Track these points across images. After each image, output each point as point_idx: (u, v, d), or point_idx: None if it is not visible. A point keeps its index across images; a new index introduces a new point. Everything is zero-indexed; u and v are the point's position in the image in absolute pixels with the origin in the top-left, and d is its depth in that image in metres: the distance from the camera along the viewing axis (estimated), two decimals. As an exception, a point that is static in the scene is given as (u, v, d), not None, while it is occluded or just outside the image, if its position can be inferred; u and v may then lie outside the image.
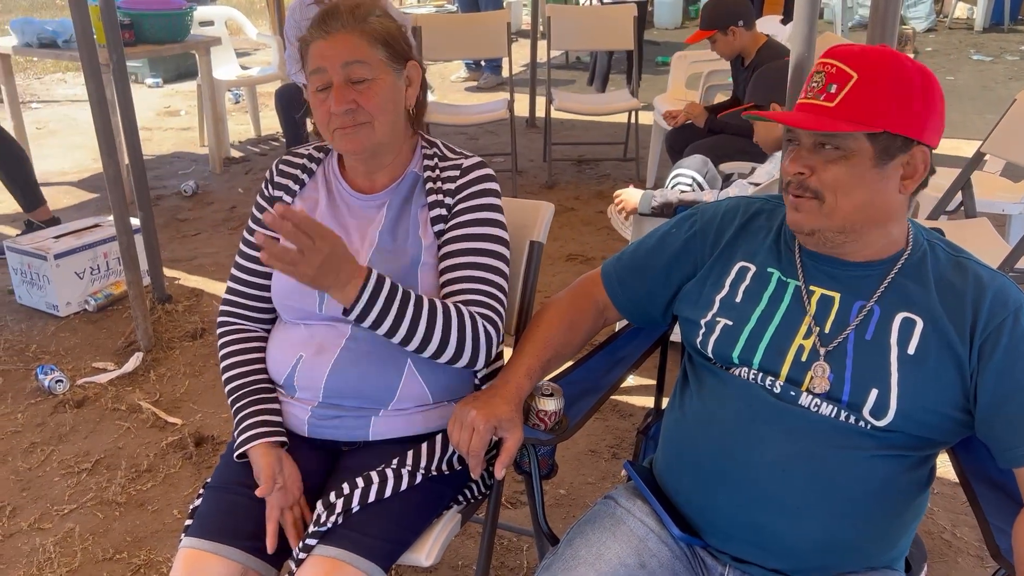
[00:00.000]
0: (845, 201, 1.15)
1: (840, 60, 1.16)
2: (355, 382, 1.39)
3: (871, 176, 1.15)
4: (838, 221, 1.17)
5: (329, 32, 1.32)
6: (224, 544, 1.29)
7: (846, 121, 1.13)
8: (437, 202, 1.41)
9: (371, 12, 1.36)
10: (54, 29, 4.43)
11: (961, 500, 2.19)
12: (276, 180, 1.49)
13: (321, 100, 1.34)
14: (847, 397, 1.16)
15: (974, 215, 2.81)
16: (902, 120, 1.14)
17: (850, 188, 1.15)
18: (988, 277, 1.18)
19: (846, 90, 1.14)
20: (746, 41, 3.61)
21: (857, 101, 1.13)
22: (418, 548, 1.37)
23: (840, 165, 1.15)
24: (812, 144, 1.17)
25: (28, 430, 2.61)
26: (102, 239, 3.41)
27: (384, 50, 1.35)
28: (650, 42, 8.95)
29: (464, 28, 4.96)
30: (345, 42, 1.32)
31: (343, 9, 1.34)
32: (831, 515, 1.17)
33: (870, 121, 1.13)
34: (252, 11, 10.00)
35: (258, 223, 1.50)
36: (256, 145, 5.65)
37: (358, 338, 1.39)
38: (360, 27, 1.33)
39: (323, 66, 1.32)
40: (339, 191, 1.47)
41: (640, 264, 1.42)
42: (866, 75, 1.14)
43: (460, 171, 1.43)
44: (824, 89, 1.16)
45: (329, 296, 1.37)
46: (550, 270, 3.68)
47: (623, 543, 1.24)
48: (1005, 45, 8.72)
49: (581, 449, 2.44)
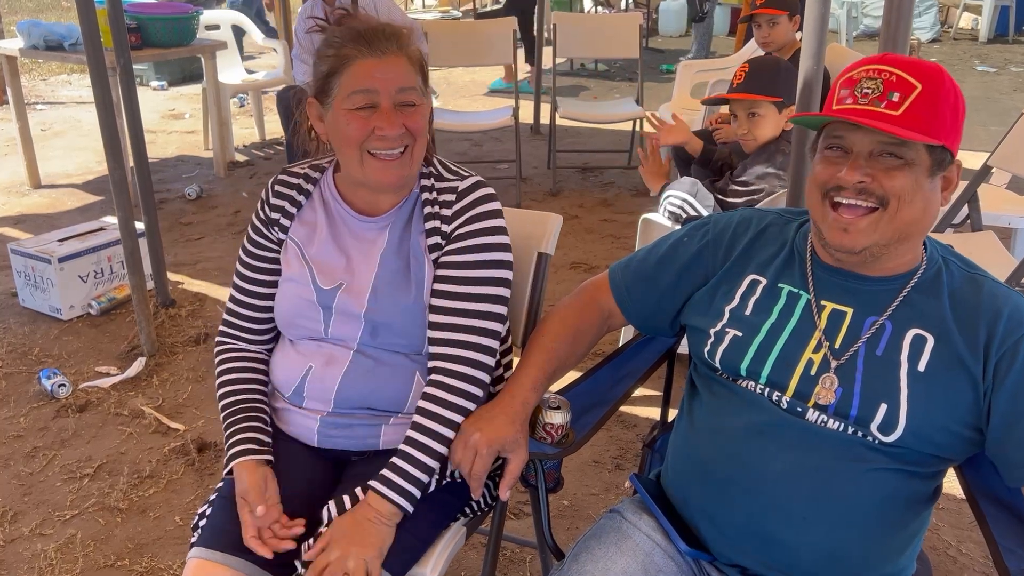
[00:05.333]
0: (907, 210, 1.14)
1: (900, 69, 1.14)
2: (366, 393, 1.38)
3: (927, 187, 1.15)
4: (893, 231, 1.16)
5: (385, 53, 1.29)
6: (234, 556, 1.28)
7: (913, 130, 1.12)
8: (434, 229, 1.38)
9: (412, 39, 1.36)
10: (61, 32, 4.44)
11: (967, 516, 2.18)
12: (272, 201, 1.46)
13: (362, 119, 1.30)
14: (856, 412, 1.15)
15: (980, 228, 2.80)
16: (952, 135, 1.15)
17: (912, 197, 1.14)
18: (1004, 295, 1.17)
19: (911, 99, 1.12)
20: (792, 39, 3.52)
21: (922, 112, 1.12)
22: (423, 561, 1.36)
23: (904, 174, 1.14)
24: (870, 153, 1.15)
25: (30, 434, 2.61)
26: (106, 242, 3.41)
27: (421, 76, 1.35)
28: (654, 50, 8.96)
29: (470, 35, 4.97)
30: (399, 66, 1.30)
31: (398, 31, 1.32)
32: (838, 526, 1.17)
33: (934, 133, 1.13)
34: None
35: (252, 243, 1.47)
36: (260, 149, 5.66)
37: (367, 352, 1.39)
38: (407, 52, 1.32)
39: (374, 88, 1.29)
40: (339, 213, 1.44)
41: (650, 273, 1.41)
42: (929, 87, 1.13)
43: (456, 195, 1.39)
44: (885, 96, 1.13)
45: (335, 320, 1.38)
46: (554, 278, 3.67)
47: (629, 558, 1.24)
48: (1010, 56, 8.73)
49: (585, 460, 2.44)
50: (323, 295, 1.40)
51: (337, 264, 1.41)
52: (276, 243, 1.46)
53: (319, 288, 1.40)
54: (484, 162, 5.27)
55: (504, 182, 4.82)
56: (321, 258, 1.42)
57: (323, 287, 1.40)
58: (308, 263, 1.42)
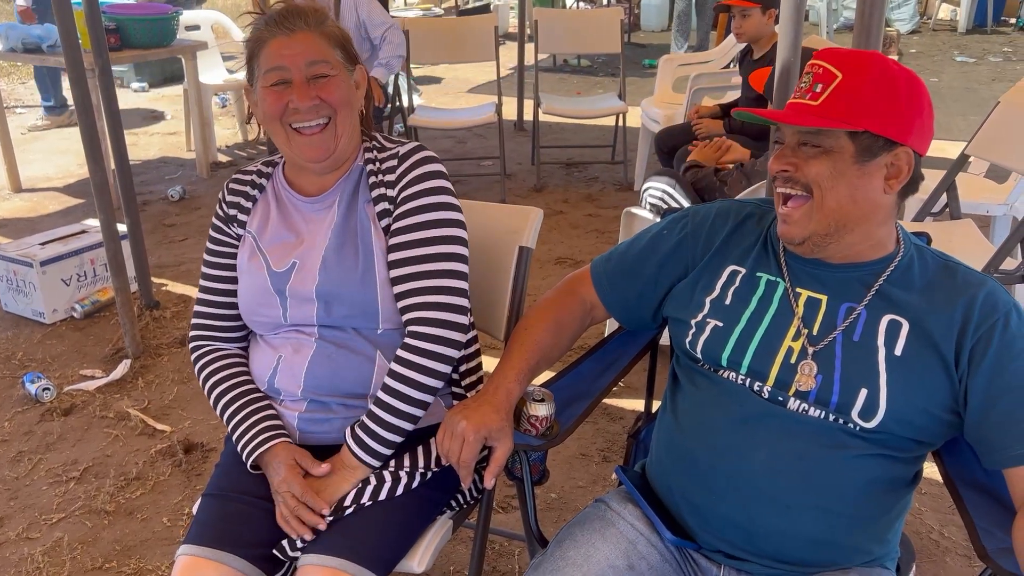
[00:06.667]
0: (831, 197, 1.17)
1: (827, 61, 1.18)
2: (331, 376, 1.40)
3: (852, 172, 1.16)
4: (825, 218, 1.18)
5: (293, 30, 1.35)
6: (223, 551, 1.29)
7: (828, 119, 1.15)
8: (381, 196, 1.41)
9: (327, 16, 1.41)
10: (39, 34, 4.41)
11: (948, 501, 2.21)
12: (228, 199, 1.50)
13: (276, 93, 1.35)
14: (836, 398, 1.17)
15: (959, 217, 2.83)
16: (885, 121, 1.15)
17: (832, 183, 1.17)
18: (977, 281, 1.19)
19: (830, 89, 1.16)
20: (770, 31, 3.55)
21: (840, 100, 1.15)
22: (410, 555, 1.37)
23: (821, 161, 1.17)
24: (796, 143, 1.19)
25: (15, 439, 2.59)
26: (88, 245, 3.39)
27: (341, 52, 1.39)
28: (637, 45, 8.99)
29: (452, 32, 4.96)
30: (308, 41, 1.35)
31: (306, 10, 1.37)
32: (821, 512, 1.18)
33: (852, 120, 1.14)
34: (238, 15, 9.96)
35: (214, 241, 1.51)
36: (243, 149, 5.64)
37: (326, 336, 1.41)
38: (321, 28, 1.37)
39: (284, 64, 1.34)
40: (289, 200, 1.47)
41: (631, 265, 1.42)
42: (850, 75, 1.15)
43: (398, 159, 1.42)
44: (810, 88, 1.18)
45: (291, 303, 1.41)
46: (539, 274, 3.68)
47: (612, 545, 1.25)
48: (988, 47, 8.81)
49: (572, 453, 2.45)
50: (277, 279, 1.42)
51: (289, 246, 1.44)
52: (236, 239, 1.49)
53: (273, 272, 1.42)
54: (468, 159, 5.27)
55: (488, 179, 4.83)
56: (274, 244, 1.45)
57: (277, 270, 1.42)
58: (262, 252, 1.45)
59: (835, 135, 1.15)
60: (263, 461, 1.38)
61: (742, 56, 3.78)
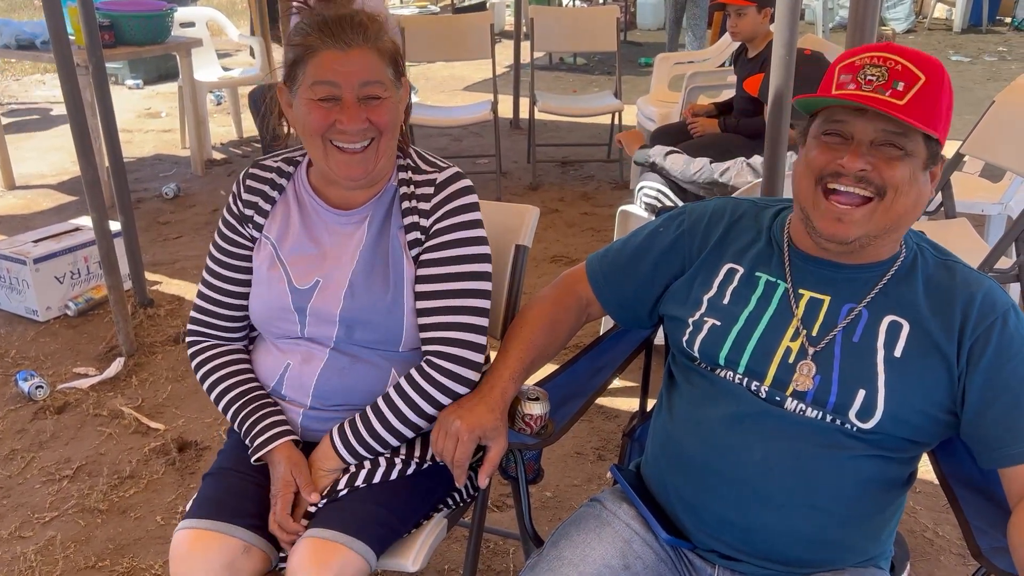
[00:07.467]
0: (901, 201, 1.15)
1: (905, 59, 1.13)
2: (342, 389, 1.39)
3: (921, 178, 1.16)
4: (886, 223, 1.16)
5: (350, 45, 1.26)
6: (224, 522, 1.29)
7: (917, 120, 1.11)
8: (413, 224, 1.37)
9: (384, 28, 1.32)
10: (32, 30, 4.39)
11: (943, 500, 2.20)
12: (245, 197, 1.43)
13: (324, 110, 1.28)
14: (834, 399, 1.17)
15: (954, 215, 2.83)
16: (945, 130, 1.16)
17: (908, 189, 1.14)
18: (976, 280, 1.19)
19: (915, 90, 1.12)
20: (765, 30, 3.55)
21: (922, 103, 1.12)
22: (404, 553, 1.37)
23: (904, 164, 1.13)
24: (871, 142, 1.14)
25: (8, 437, 2.58)
26: (82, 243, 3.37)
27: (391, 68, 1.32)
28: (633, 43, 8.98)
29: (447, 29, 4.95)
30: (364, 59, 1.27)
31: (365, 22, 1.29)
32: (816, 512, 1.18)
33: (933, 125, 1.13)
34: (233, 12, 9.95)
35: (225, 239, 1.45)
36: (238, 147, 5.62)
37: (342, 349, 1.39)
38: (377, 44, 1.29)
39: (336, 81, 1.26)
40: (314, 208, 1.41)
41: (627, 262, 1.42)
42: (932, 79, 1.13)
43: (435, 187, 1.37)
44: (890, 85, 1.12)
45: (310, 320, 1.37)
46: (535, 272, 3.68)
47: (608, 544, 1.25)
48: (983, 46, 8.83)
49: (567, 451, 2.45)
50: (299, 296, 1.38)
51: (313, 261, 1.39)
52: (250, 240, 1.44)
53: (295, 289, 1.38)
54: (464, 157, 5.26)
55: (484, 177, 4.82)
56: (296, 255, 1.40)
57: (299, 287, 1.38)
58: (283, 263, 1.40)
59: (916, 138, 1.13)
60: (267, 459, 1.38)
61: (736, 55, 3.78)
